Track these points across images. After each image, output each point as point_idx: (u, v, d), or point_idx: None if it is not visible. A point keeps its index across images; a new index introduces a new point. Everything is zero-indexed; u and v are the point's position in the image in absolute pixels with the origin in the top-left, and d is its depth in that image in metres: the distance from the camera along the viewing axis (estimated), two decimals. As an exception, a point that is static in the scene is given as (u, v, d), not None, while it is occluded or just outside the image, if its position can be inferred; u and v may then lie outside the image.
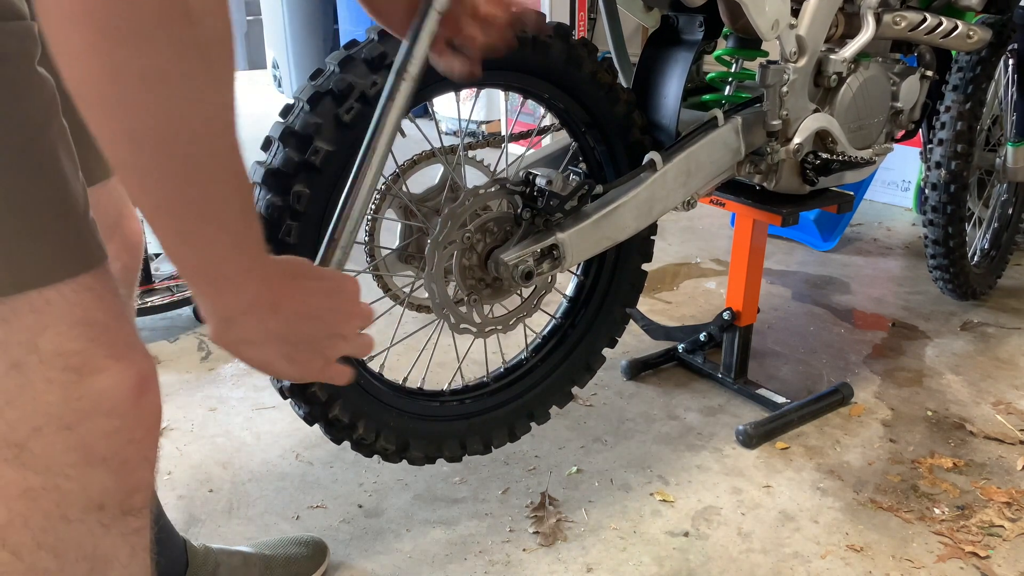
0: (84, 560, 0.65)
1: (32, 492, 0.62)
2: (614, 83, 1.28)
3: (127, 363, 0.64)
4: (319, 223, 1.06)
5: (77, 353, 0.61)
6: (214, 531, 1.39)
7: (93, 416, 0.63)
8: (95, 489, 0.64)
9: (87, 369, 0.62)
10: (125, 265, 1.02)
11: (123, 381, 0.63)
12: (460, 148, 1.23)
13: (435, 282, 1.19)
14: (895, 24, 1.52)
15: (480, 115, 4.46)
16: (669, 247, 2.79)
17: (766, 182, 1.49)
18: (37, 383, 0.61)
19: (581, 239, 1.24)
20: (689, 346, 1.91)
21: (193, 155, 0.52)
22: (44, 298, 0.60)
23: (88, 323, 0.62)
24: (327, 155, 1.04)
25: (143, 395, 0.65)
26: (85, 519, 0.64)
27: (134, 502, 0.67)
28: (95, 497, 0.64)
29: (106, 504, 0.65)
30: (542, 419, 1.42)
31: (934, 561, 1.30)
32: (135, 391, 0.64)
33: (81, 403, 0.62)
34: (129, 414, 0.64)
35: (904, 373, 1.91)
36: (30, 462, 0.61)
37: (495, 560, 1.32)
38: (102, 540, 0.65)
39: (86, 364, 0.62)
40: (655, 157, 1.30)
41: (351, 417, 1.17)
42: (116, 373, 0.63)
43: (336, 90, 1.04)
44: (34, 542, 0.62)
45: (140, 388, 0.65)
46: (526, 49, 1.15)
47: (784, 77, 1.40)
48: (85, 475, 0.63)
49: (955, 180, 1.97)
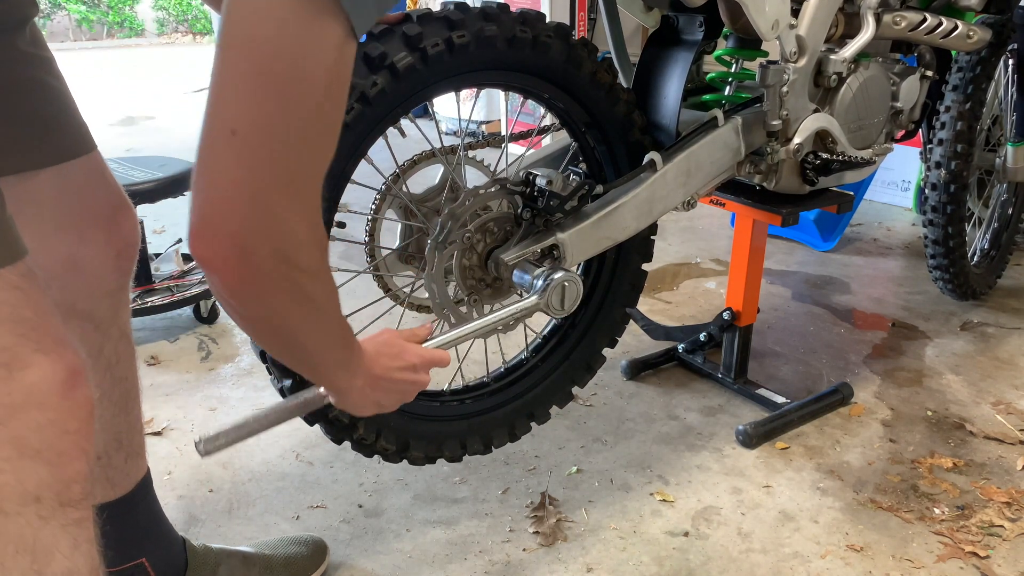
0: (24, 553, 0.65)
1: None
2: (614, 83, 1.28)
3: (56, 357, 0.66)
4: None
5: (6, 349, 0.63)
6: (214, 531, 1.39)
7: (25, 409, 0.64)
8: (31, 482, 0.65)
9: (16, 364, 0.63)
10: (120, 252, 1.03)
11: (53, 374, 0.65)
12: (460, 148, 1.23)
13: (435, 282, 1.19)
14: (895, 24, 1.52)
15: (480, 115, 4.47)
16: (669, 247, 2.79)
17: (766, 182, 1.49)
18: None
19: (581, 239, 1.24)
20: (689, 346, 1.91)
21: (307, 352, 0.80)
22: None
23: (16, 320, 0.63)
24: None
25: (74, 388, 0.67)
26: (23, 512, 0.65)
27: (72, 493, 0.68)
28: (31, 489, 0.65)
29: (43, 496, 0.66)
30: (542, 419, 1.42)
31: (934, 561, 1.30)
32: (65, 384, 0.66)
33: (12, 397, 0.63)
34: (61, 406, 0.66)
35: (904, 373, 1.91)
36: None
37: (495, 560, 1.32)
38: (41, 532, 0.66)
39: (15, 360, 0.63)
40: (655, 157, 1.30)
41: (351, 417, 1.17)
42: (46, 367, 0.65)
43: None
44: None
45: (70, 381, 0.66)
46: (526, 49, 1.15)
47: (784, 77, 1.40)
48: (20, 468, 0.64)
49: (955, 180, 1.97)
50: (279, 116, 0.63)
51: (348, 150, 1.05)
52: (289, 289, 0.69)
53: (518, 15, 1.13)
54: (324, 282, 0.75)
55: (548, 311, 1.20)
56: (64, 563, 0.67)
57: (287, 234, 0.67)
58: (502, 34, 1.11)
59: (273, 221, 0.65)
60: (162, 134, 5.00)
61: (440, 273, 1.19)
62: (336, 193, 1.08)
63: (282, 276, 0.68)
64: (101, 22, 13.27)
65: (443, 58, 1.07)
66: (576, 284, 1.20)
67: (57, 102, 0.96)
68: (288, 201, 0.66)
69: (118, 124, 5.32)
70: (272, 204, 0.65)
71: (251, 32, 0.61)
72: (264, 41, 0.61)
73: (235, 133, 0.62)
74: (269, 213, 0.65)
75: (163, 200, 2.11)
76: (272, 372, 1.15)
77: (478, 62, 1.12)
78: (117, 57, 10.33)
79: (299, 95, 0.63)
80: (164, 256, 2.32)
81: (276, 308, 0.70)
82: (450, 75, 1.10)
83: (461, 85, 1.15)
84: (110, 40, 13.14)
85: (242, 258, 0.65)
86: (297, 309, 0.72)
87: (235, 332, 2.16)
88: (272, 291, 0.69)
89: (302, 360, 0.82)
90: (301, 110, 0.64)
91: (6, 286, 0.63)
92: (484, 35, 1.09)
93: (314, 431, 1.64)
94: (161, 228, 2.96)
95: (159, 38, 13.49)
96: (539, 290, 1.18)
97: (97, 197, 1.01)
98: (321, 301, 0.75)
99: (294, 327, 0.74)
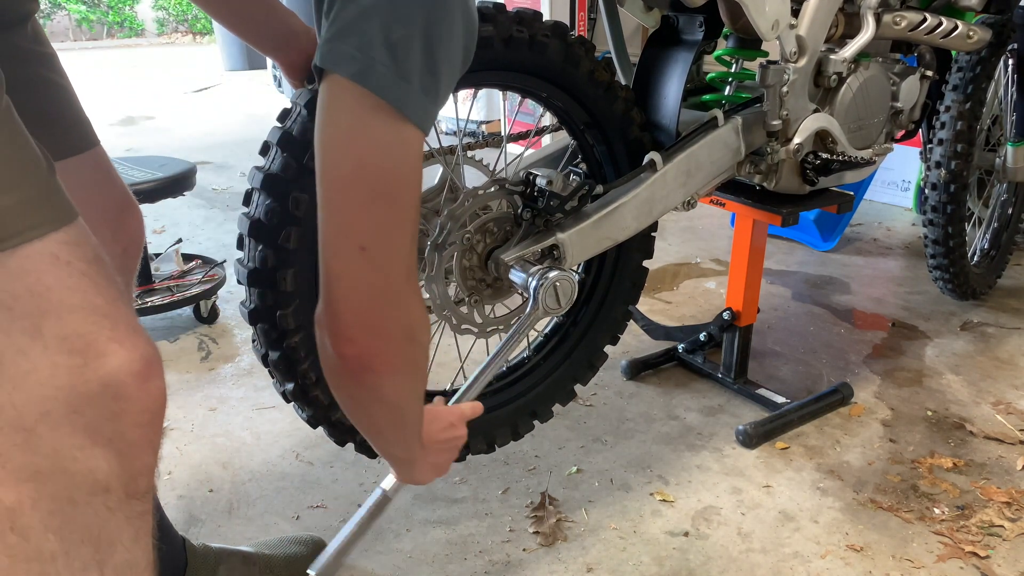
0: (89, 543, 0.65)
1: (40, 475, 0.62)
2: (612, 81, 1.28)
3: (131, 346, 0.65)
4: (318, 228, 1.05)
5: (80, 336, 0.62)
6: (214, 531, 1.39)
7: (99, 399, 0.63)
8: (101, 472, 0.64)
9: (92, 352, 0.63)
10: (125, 250, 1.04)
11: (128, 364, 0.64)
12: (459, 149, 1.23)
13: (436, 283, 1.19)
14: (895, 24, 1.52)
15: (480, 115, 4.46)
16: (669, 247, 2.79)
17: (766, 182, 1.49)
18: (44, 368, 0.61)
19: (582, 239, 1.24)
20: (689, 346, 1.91)
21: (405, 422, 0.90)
22: (43, 283, 0.61)
23: (87, 308, 0.63)
24: None
25: (148, 379, 0.66)
26: (91, 502, 0.65)
27: (139, 485, 0.68)
28: (101, 480, 0.65)
29: (112, 487, 0.65)
30: (545, 417, 1.42)
31: (934, 561, 1.30)
32: (140, 375, 0.65)
33: (88, 387, 0.62)
34: (134, 397, 0.65)
35: (904, 373, 1.91)
36: (38, 446, 0.62)
37: (495, 560, 1.32)
38: (107, 523, 0.66)
39: (90, 347, 0.63)
40: (655, 157, 1.30)
41: None
42: (121, 356, 0.64)
43: None
44: (41, 525, 0.63)
45: (145, 372, 0.65)
46: (523, 49, 1.15)
47: (784, 77, 1.40)
48: (91, 458, 0.64)
49: (955, 180, 1.97)
50: (397, 226, 0.76)
51: None
52: (412, 362, 0.83)
53: (514, 15, 1.13)
54: (427, 355, 0.87)
55: (548, 313, 1.20)
56: (125, 555, 0.67)
57: (412, 317, 0.80)
58: (499, 34, 1.11)
59: (403, 309, 0.79)
60: (162, 134, 5.00)
61: (441, 274, 1.19)
62: None
63: (409, 352, 0.82)
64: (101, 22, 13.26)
65: None
66: (568, 279, 1.20)
67: (60, 98, 0.96)
68: (410, 287, 0.79)
69: (118, 124, 5.32)
70: (402, 295, 0.78)
71: (359, 158, 0.74)
72: (374, 168, 0.74)
73: (364, 249, 0.75)
74: (400, 304, 0.79)
75: (163, 200, 2.11)
76: (274, 375, 1.15)
77: (475, 62, 1.11)
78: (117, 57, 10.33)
79: (405, 202, 0.77)
80: (164, 256, 2.32)
81: (399, 382, 0.83)
82: None
83: (459, 85, 1.15)
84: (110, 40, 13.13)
85: (384, 345, 0.79)
86: (411, 381, 0.85)
87: (235, 332, 2.16)
88: (401, 367, 0.81)
89: (397, 429, 0.91)
90: (409, 211, 0.77)
91: (74, 272, 0.62)
92: (481, 36, 1.09)
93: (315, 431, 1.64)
94: (161, 228, 2.96)
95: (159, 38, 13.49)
96: (532, 300, 1.19)
97: (103, 194, 1.01)
98: (423, 372, 0.87)
99: (405, 399, 0.86)
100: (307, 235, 1.05)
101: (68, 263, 0.62)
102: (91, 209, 0.99)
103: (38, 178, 0.63)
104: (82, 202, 0.98)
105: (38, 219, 0.62)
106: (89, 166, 0.99)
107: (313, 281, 1.13)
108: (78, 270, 0.63)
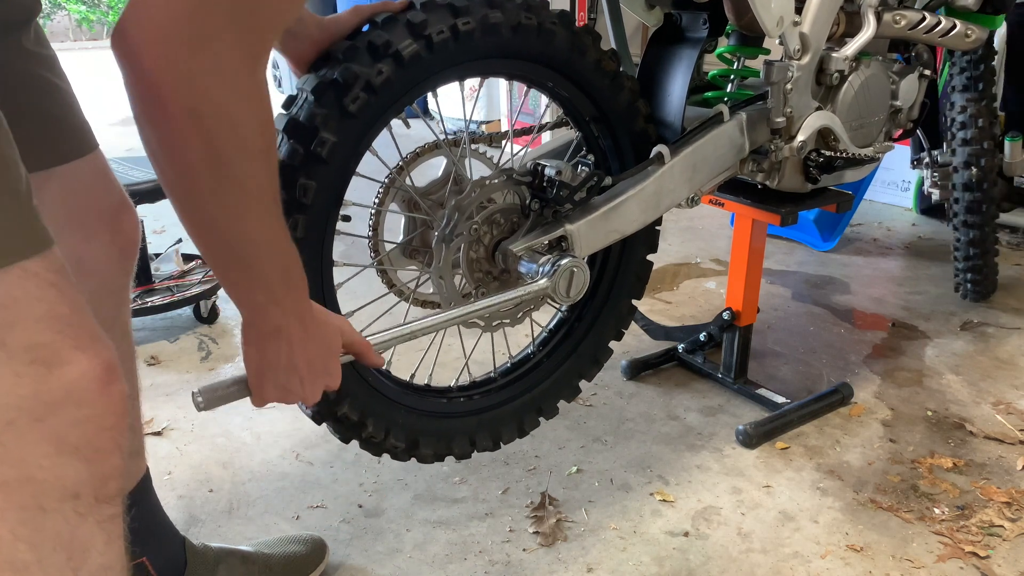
0: (61, 550, 0.65)
1: (6, 485, 0.62)
2: (618, 71, 1.27)
3: (92, 353, 0.65)
4: (325, 216, 1.05)
5: (44, 346, 0.63)
6: (214, 531, 1.39)
7: (64, 407, 0.64)
8: (69, 478, 0.65)
9: (55, 361, 0.63)
10: (122, 251, 1.04)
11: (90, 371, 0.65)
12: (465, 139, 1.22)
13: (443, 276, 1.19)
14: (895, 23, 1.52)
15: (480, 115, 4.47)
16: (669, 247, 2.79)
17: (768, 180, 1.49)
18: (7, 377, 0.62)
19: (590, 230, 1.24)
20: (689, 346, 1.91)
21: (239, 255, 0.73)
22: (10, 296, 0.61)
23: (53, 317, 0.63)
24: (333, 146, 1.01)
25: (110, 384, 0.66)
26: (61, 509, 0.65)
27: (108, 490, 0.68)
28: (70, 486, 0.65)
29: (81, 493, 0.66)
30: (551, 414, 1.40)
31: (934, 561, 1.30)
32: (102, 380, 0.66)
33: (51, 395, 0.63)
34: (98, 403, 0.66)
35: (904, 373, 1.91)
36: (3, 456, 0.62)
37: (495, 560, 1.32)
38: (78, 529, 0.66)
39: (54, 356, 0.63)
40: (663, 150, 1.30)
41: (360, 415, 1.15)
42: (83, 363, 0.65)
43: (341, 80, 1.01)
44: (11, 535, 0.63)
45: (106, 377, 0.66)
46: (531, 36, 1.14)
47: (788, 74, 1.40)
48: (59, 465, 0.64)
49: (987, 176, 1.94)
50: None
51: (354, 141, 1.04)
52: (204, 135, 0.64)
53: (522, 2, 1.12)
54: (258, 164, 0.68)
55: (555, 297, 1.19)
56: (99, 559, 0.68)
57: (220, 65, 0.62)
58: (507, 21, 1.10)
59: (213, 53, 0.61)
60: (162, 134, 4.99)
61: (448, 266, 1.19)
62: (342, 187, 1.07)
63: (210, 106, 0.63)
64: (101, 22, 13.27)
65: (448, 46, 1.06)
66: (584, 271, 1.20)
67: (62, 101, 0.96)
68: (230, 21, 0.62)
69: (118, 124, 5.32)
70: (210, 15, 0.61)
71: None
72: None
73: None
74: (206, 23, 0.61)
75: (163, 200, 2.11)
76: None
77: (483, 50, 1.10)
78: (117, 57, 10.31)
79: None
80: (164, 256, 2.32)
81: (207, 132, 0.64)
82: (455, 63, 1.09)
83: (465, 74, 1.14)
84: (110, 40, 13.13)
85: (177, 68, 0.61)
86: (208, 170, 0.66)
87: (235, 332, 2.16)
88: (206, 112, 0.63)
89: (216, 241, 0.72)
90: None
91: (42, 283, 0.63)
92: (489, 22, 1.08)
93: (315, 431, 1.64)
94: (161, 228, 2.95)
95: (159, 38, 13.46)
96: (548, 273, 1.17)
97: (101, 197, 1.01)
98: (245, 185, 0.68)
99: (202, 193, 0.67)
100: (315, 223, 1.04)
101: (36, 274, 0.63)
102: (90, 212, 0.99)
103: (17, 204, 0.63)
104: (81, 205, 0.98)
105: (13, 247, 0.62)
106: (88, 170, 0.99)
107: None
108: (46, 280, 0.64)
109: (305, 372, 0.85)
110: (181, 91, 0.61)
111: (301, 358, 0.84)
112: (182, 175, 0.66)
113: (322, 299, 1.09)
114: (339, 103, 1.01)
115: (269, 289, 0.76)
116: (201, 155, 0.65)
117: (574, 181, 1.19)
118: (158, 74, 0.60)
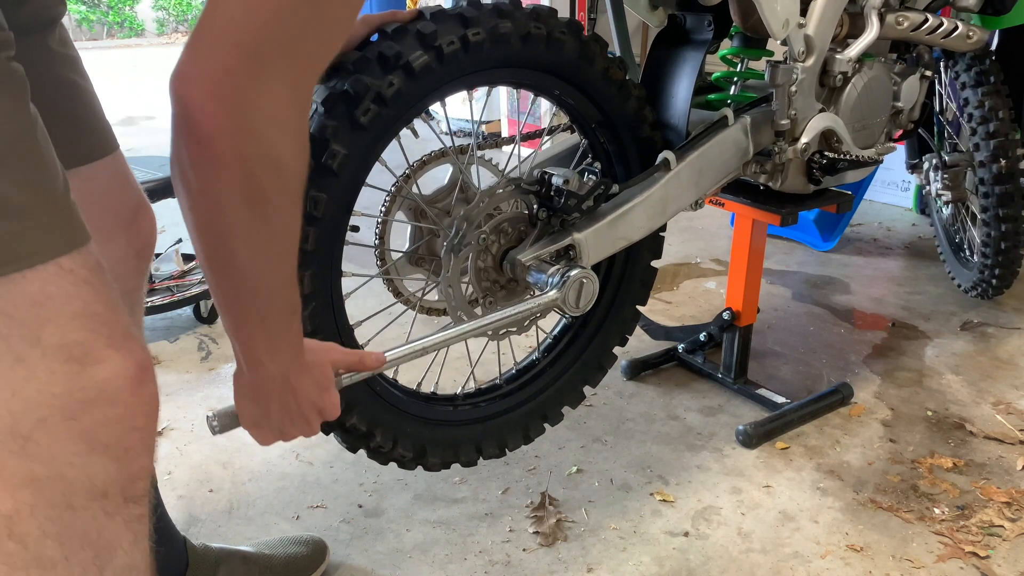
0: (88, 548, 0.65)
1: (37, 482, 0.63)
2: (625, 79, 1.26)
3: (126, 352, 0.65)
4: (336, 228, 1.04)
5: (79, 344, 0.63)
6: (214, 531, 1.39)
7: (96, 405, 0.64)
8: (99, 477, 0.65)
9: (89, 360, 0.63)
10: (139, 252, 1.04)
11: (124, 370, 0.65)
12: (472, 147, 1.22)
13: (452, 285, 1.19)
14: (898, 24, 1.52)
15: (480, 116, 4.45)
16: (669, 247, 2.78)
17: (771, 181, 1.49)
18: (40, 375, 0.62)
19: (598, 239, 1.24)
20: (689, 346, 1.91)
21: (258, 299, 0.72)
22: (45, 293, 0.61)
23: (87, 315, 0.63)
24: (344, 159, 1.00)
25: (143, 384, 0.66)
26: (89, 507, 0.65)
27: (136, 489, 0.68)
28: (99, 485, 0.65)
29: (109, 492, 0.66)
30: (556, 420, 1.40)
31: (934, 561, 1.30)
32: (135, 380, 0.66)
33: (84, 393, 0.63)
34: (130, 402, 0.65)
35: (904, 373, 1.91)
36: (35, 452, 0.62)
37: (495, 560, 1.32)
38: (106, 527, 0.66)
39: (88, 355, 0.63)
40: (669, 156, 1.29)
41: (368, 425, 1.15)
42: (117, 363, 0.64)
43: (352, 91, 1.00)
44: (40, 531, 0.63)
45: (140, 377, 0.66)
46: (540, 46, 1.14)
47: (793, 76, 1.40)
48: (89, 463, 0.64)
49: (1014, 167, 1.93)
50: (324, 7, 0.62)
51: (365, 153, 1.03)
52: (249, 178, 0.63)
53: (531, 11, 1.12)
54: (292, 206, 0.68)
55: (564, 307, 1.19)
56: (124, 559, 0.68)
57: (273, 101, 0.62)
58: (516, 31, 1.09)
59: (269, 94, 0.61)
60: (162, 134, 4.99)
61: (456, 276, 1.19)
62: (352, 198, 1.05)
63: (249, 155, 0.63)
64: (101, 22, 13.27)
65: (458, 56, 1.05)
66: (593, 282, 1.20)
67: (85, 102, 0.96)
68: (284, 62, 0.62)
69: (118, 124, 5.32)
70: (267, 56, 0.61)
71: None
72: None
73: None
74: (263, 64, 0.61)
75: (163, 200, 2.11)
76: None
77: (493, 59, 1.10)
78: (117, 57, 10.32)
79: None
80: (164, 256, 2.32)
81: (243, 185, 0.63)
82: (465, 73, 1.08)
83: (474, 83, 1.13)
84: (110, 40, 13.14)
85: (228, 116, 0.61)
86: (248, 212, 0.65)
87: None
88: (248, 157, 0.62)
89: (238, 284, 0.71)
90: (345, 9, 0.64)
91: (77, 280, 0.63)
92: (499, 32, 1.07)
93: (314, 431, 1.64)
94: (161, 228, 2.94)
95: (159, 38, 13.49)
96: (557, 285, 1.18)
97: (120, 197, 1.01)
98: (278, 228, 0.68)
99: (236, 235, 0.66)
100: (325, 236, 1.03)
101: (71, 271, 0.63)
102: (108, 214, 0.99)
103: (54, 200, 0.63)
104: (100, 207, 0.98)
105: (50, 243, 0.62)
106: (108, 171, 0.99)
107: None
108: (81, 277, 0.63)
109: (297, 415, 0.85)
110: (233, 134, 0.61)
111: (294, 404, 0.84)
112: (217, 215, 0.65)
113: (332, 312, 1.09)
114: (350, 115, 1.00)
115: (270, 335, 0.76)
116: (242, 196, 0.64)
117: (581, 190, 1.18)
118: (212, 120, 0.60)
